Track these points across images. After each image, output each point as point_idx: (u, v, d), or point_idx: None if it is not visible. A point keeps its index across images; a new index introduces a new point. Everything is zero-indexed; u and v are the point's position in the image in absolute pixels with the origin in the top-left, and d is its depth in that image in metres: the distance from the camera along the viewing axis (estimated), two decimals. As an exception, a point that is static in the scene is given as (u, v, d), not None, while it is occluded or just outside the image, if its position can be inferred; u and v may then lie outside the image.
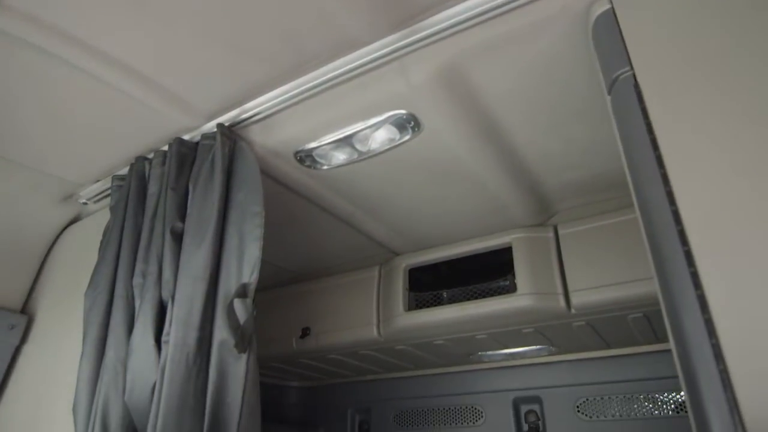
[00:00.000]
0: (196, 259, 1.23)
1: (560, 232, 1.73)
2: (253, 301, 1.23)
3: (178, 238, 1.28)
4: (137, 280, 1.30)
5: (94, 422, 1.18)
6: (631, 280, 1.54)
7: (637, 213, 0.80)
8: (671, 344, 0.73)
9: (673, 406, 1.93)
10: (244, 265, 1.24)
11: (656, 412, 1.94)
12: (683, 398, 1.91)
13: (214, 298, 1.23)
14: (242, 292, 1.22)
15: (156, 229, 1.32)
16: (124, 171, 1.55)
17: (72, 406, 1.23)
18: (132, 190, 1.46)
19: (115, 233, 1.43)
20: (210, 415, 1.19)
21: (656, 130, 0.80)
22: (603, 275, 1.59)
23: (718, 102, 0.78)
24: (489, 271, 1.85)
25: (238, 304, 1.21)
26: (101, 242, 1.48)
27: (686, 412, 1.90)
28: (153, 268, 1.27)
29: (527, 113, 1.33)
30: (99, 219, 1.65)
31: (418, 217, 1.79)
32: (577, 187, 1.70)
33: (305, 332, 2.10)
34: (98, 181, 1.68)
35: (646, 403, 1.97)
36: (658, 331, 1.81)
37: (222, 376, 1.21)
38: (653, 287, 1.51)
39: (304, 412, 2.70)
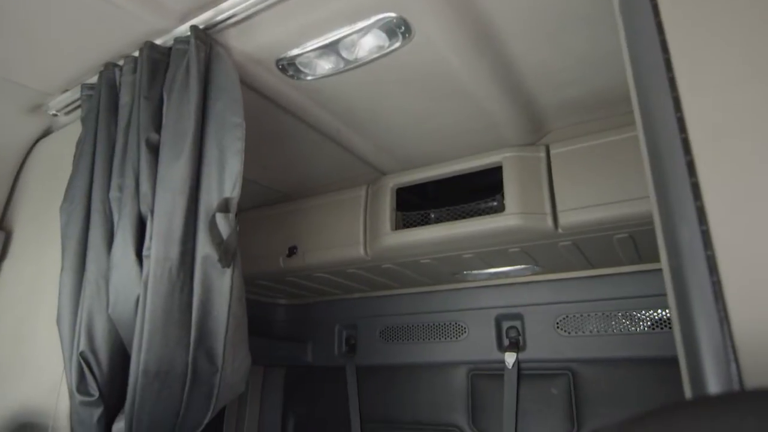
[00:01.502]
0: (174, 172, 1.17)
1: (552, 151, 1.70)
2: (236, 216, 1.20)
3: (154, 150, 1.22)
4: (114, 193, 1.25)
5: (79, 335, 1.18)
6: (620, 200, 1.53)
7: (638, 121, 0.76)
8: (662, 257, 0.71)
9: (649, 323, 2.00)
10: (226, 179, 1.19)
11: (633, 328, 2.01)
12: (660, 316, 1.97)
13: (196, 213, 1.19)
14: (224, 207, 1.18)
15: (130, 141, 1.26)
16: (94, 79, 1.45)
17: (56, 319, 1.22)
18: (103, 100, 1.38)
19: (88, 146, 1.36)
20: (196, 328, 1.19)
21: (666, 30, 0.74)
22: (592, 195, 1.58)
23: (735, 3, 0.72)
24: (477, 192, 1.82)
25: (220, 218, 1.17)
26: (74, 155, 1.41)
27: (662, 328, 1.99)
28: (129, 182, 1.22)
29: (527, 19, 1.24)
30: (71, 131, 1.57)
31: (407, 135, 1.73)
32: (573, 104, 1.64)
33: (292, 251, 2.10)
34: (67, 90, 1.57)
35: (624, 320, 2.04)
36: (641, 251, 1.84)
37: (207, 290, 1.20)
38: (642, 207, 1.51)
39: (292, 328, 2.77)
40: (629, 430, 0.38)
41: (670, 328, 1.96)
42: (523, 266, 2.08)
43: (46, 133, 1.75)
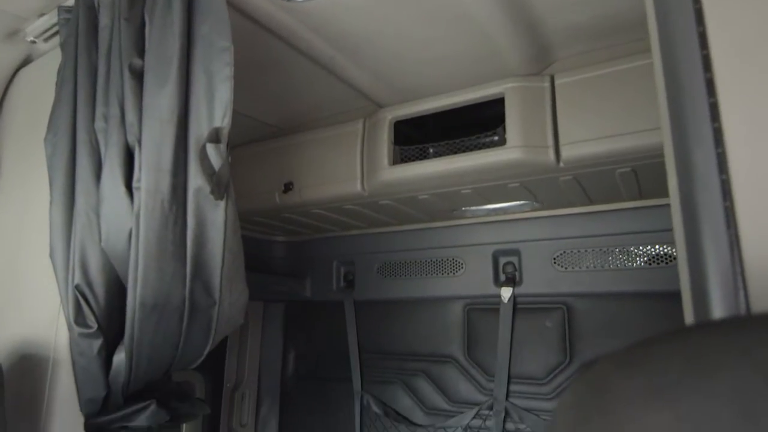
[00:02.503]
0: (160, 100, 1.12)
1: (557, 81, 1.63)
2: (227, 147, 1.16)
3: (138, 76, 1.15)
4: (99, 124, 1.19)
5: (73, 268, 1.16)
6: (625, 133, 1.48)
7: (654, 36, 0.70)
8: (671, 183, 0.68)
9: (646, 258, 2.00)
10: (215, 107, 1.14)
11: (629, 264, 2.02)
12: (657, 251, 1.98)
13: (185, 143, 1.14)
14: (215, 137, 1.13)
15: (113, 67, 1.19)
16: (71, 1, 1.35)
17: (49, 253, 1.20)
18: (81, 24, 1.29)
19: (69, 73, 1.29)
20: (192, 262, 1.18)
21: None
22: (597, 128, 1.53)
23: None
24: (478, 126, 1.77)
25: (211, 149, 1.13)
26: (56, 84, 1.34)
27: (658, 264, 2.00)
28: (114, 111, 1.16)
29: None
30: (52, 59, 1.49)
31: (405, 63, 1.65)
32: (580, 30, 1.55)
33: (288, 187, 2.06)
34: (43, 14, 1.48)
35: (621, 256, 2.04)
36: (643, 186, 1.81)
37: (201, 223, 1.17)
38: (648, 140, 1.46)
39: (290, 264, 2.78)
40: (639, 353, 0.37)
41: (667, 263, 1.98)
42: (521, 202, 2.06)
43: (26, 61, 1.66)
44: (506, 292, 2.19)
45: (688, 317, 0.62)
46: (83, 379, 1.16)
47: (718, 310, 0.56)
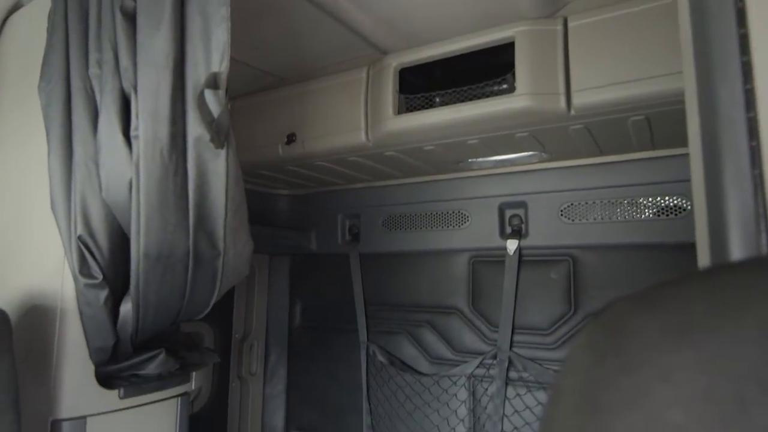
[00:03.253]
0: (155, 43, 1.07)
1: (570, 24, 1.55)
2: (226, 93, 1.12)
3: (130, 18, 1.10)
4: (93, 70, 1.15)
5: (75, 219, 1.15)
6: (641, 78, 1.42)
7: None
8: (693, 125, 0.65)
9: (654, 210, 1.98)
10: (212, 51, 1.09)
11: (637, 215, 2.00)
12: (666, 203, 1.95)
13: (183, 90, 1.10)
14: (213, 83, 1.09)
15: (104, 9, 1.13)
16: (57, -61, 1.28)
17: (50, 204, 1.19)
18: (69, -37, 1.22)
19: (60, 18, 1.23)
20: (194, 212, 1.16)
21: None
22: (611, 73, 1.47)
23: None
24: (486, 73, 1.70)
25: (209, 95, 1.09)
26: (47, 29, 1.28)
27: (667, 215, 1.98)
28: (108, 56, 1.12)
29: None
30: (43, 2, 1.42)
31: (410, 6, 1.57)
32: (597, -32, 1.46)
33: (291, 138, 2.02)
34: (30, -46, 1.41)
35: (629, 208, 2.01)
36: (656, 135, 1.76)
37: (202, 173, 1.15)
38: (664, 86, 1.40)
39: (295, 218, 2.78)
40: (658, 293, 0.35)
41: (676, 215, 1.96)
42: (529, 153, 2.01)
43: (17, 6, 1.59)
44: (512, 245, 2.18)
45: (704, 262, 0.60)
46: (91, 328, 1.18)
47: (737, 254, 0.54)
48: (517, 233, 2.19)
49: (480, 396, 2.23)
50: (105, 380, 1.24)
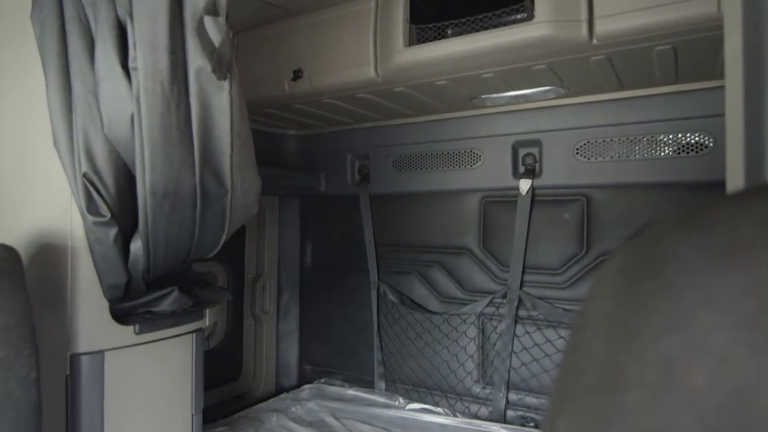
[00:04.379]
0: (149, -35, 1.00)
1: (595, -57, 1.43)
2: (227, 20, 1.05)
3: (121, -63, 1.02)
4: (86, -4, 1.09)
5: (78, 156, 1.13)
6: (670, 2, 1.32)
7: None
8: (733, 43, 0.59)
9: (674, 147, 1.91)
10: (210, -27, 1.02)
11: (656, 153, 1.93)
12: (687, 140, 1.88)
13: (181, 17, 1.04)
14: (212, 9, 1.03)
15: (93, -73, 1.05)
16: None
17: (53, 141, 1.16)
18: None
19: (48, -61, 1.15)
20: (199, 148, 1.13)
21: None
22: (638, -3, 1.37)
23: None
24: (502, 0, 1.59)
25: (209, 22, 1.03)
26: (36, -47, 1.21)
27: (687, 152, 1.91)
28: (101, -20, 1.05)
29: None
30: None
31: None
32: None
33: (297, 74, 1.95)
34: None
35: (648, 145, 1.95)
36: (681, 67, 1.66)
37: (205, 107, 1.11)
38: (696, 10, 1.31)
39: (304, 158, 2.74)
40: (699, 213, 0.31)
41: (697, 152, 1.89)
42: (546, 88, 1.92)
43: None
44: (525, 184, 2.14)
45: (735, 184, 0.56)
46: (103, 266, 1.18)
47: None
48: (531, 172, 2.14)
49: (489, 333, 2.26)
50: (120, 317, 1.26)
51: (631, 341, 0.27)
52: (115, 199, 1.14)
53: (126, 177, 1.16)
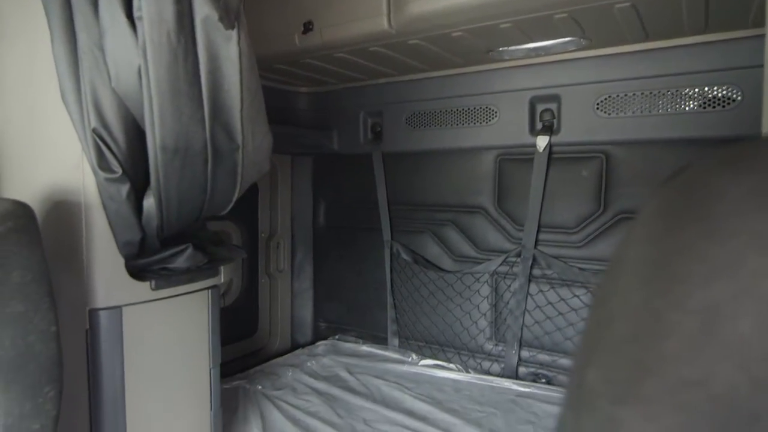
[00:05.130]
0: None
1: None
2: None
3: None
4: (86, -59, 1.04)
5: (87, 111, 1.11)
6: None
7: None
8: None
9: (700, 101, 1.83)
10: None
11: (680, 108, 1.86)
12: (714, 93, 1.80)
13: (185, -38, 1.00)
14: (217, -47, 0.98)
15: None
16: None
17: (60, 96, 1.14)
18: None
19: None
20: (209, 102, 1.11)
21: None
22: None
23: None
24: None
25: (214, -33, 0.98)
26: None
27: (713, 107, 1.83)
28: (100, -77, 1.00)
29: None
30: None
31: None
32: None
33: (308, 27, 1.88)
34: None
35: (671, 100, 1.87)
36: (712, 15, 1.57)
37: (213, 58, 1.08)
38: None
39: (316, 116, 2.69)
40: (745, 151, 0.28)
41: (723, 106, 1.81)
42: (567, 39, 1.84)
43: None
44: (542, 141, 2.08)
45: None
46: (117, 222, 1.18)
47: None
48: (548, 129, 2.08)
49: (503, 292, 2.26)
50: (136, 273, 1.27)
51: (672, 288, 0.25)
52: (126, 154, 1.13)
53: (136, 132, 1.14)
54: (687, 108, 1.85)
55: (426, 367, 2.31)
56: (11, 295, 0.89)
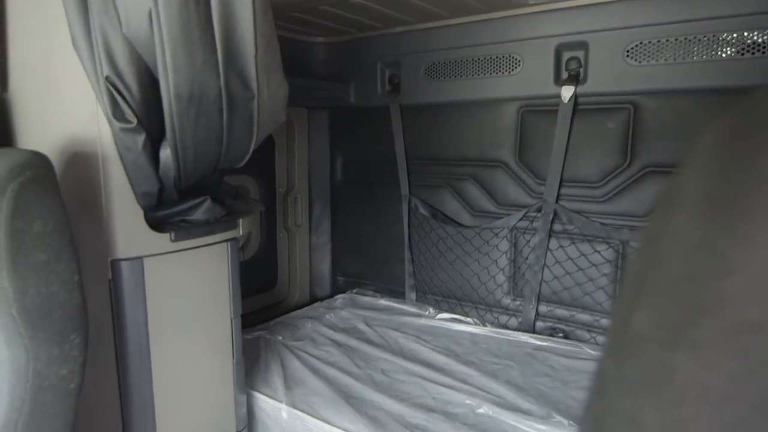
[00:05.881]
0: None
1: None
2: None
3: None
4: None
5: (99, 59, 1.08)
6: None
7: None
8: None
9: (738, 47, 1.72)
10: None
11: (716, 54, 1.75)
12: (753, 38, 1.69)
13: None
14: None
15: None
16: None
17: (71, 42, 1.11)
18: None
19: None
20: (222, 48, 1.07)
21: None
22: None
23: None
24: None
25: None
26: None
27: (752, 53, 1.72)
28: None
29: None
30: None
31: None
32: None
33: (323, -30, 1.80)
34: None
35: (707, 46, 1.76)
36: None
37: (226, 2, 1.04)
38: None
39: (332, 67, 2.62)
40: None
41: (763, 52, 1.70)
42: (598, -20, 1.73)
43: None
44: (567, 91, 2.00)
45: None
46: (134, 173, 1.17)
47: None
48: (574, 78, 1.99)
49: (522, 247, 2.24)
50: (156, 225, 1.27)
51: (737, 223, 0.22)
52: (140, 104, 1.11)
53: (149, 80, 1.11)
54: (724, 54, 1.74)
55: (443, 320, 2.33)
56: (33, 244, 0.90)
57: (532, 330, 2.21)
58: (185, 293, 1.35)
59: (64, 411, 0.93)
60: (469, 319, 2.31)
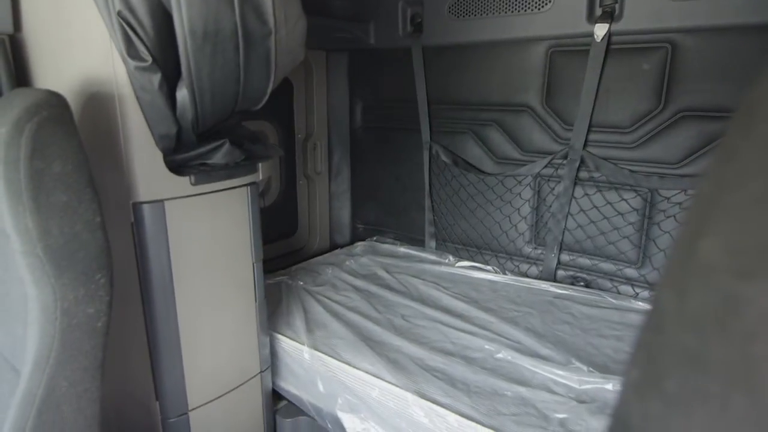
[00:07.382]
0: None
1: None
2: None
3: None
4: None
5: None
6: None
7: None
8: None
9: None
10: None
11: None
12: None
13: None
14: None
15: None
16: None
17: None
18: None
19: None
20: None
21: None
22: None
23: None
24: None
25: None
26: None
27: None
28: None
29: None
30: None
31: None
32: None
33: None
34: None
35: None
36: None
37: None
38: None
39: (350, 6, 2.51)
40: None
41: (821, -17, 1.56)
42: None
43: None
44: (601, 29, 1.88)
45: None
46: (151, 114, 1.15)
47: None
48: (609, 15, 1.87)
49: (545, 195, 2.19)
50: (175, 168, 1.26)
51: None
52: (154, 41, 1.07)
53: (163, 16, 1.06)
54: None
55: (463, 268, 2.32)
56: (54, 185, 0.89)
57: (553, 279, 2.20)
58: (207, 237, 1.35)
59: (92, 348, 0.95)
60: (489, 267, 2.30)
